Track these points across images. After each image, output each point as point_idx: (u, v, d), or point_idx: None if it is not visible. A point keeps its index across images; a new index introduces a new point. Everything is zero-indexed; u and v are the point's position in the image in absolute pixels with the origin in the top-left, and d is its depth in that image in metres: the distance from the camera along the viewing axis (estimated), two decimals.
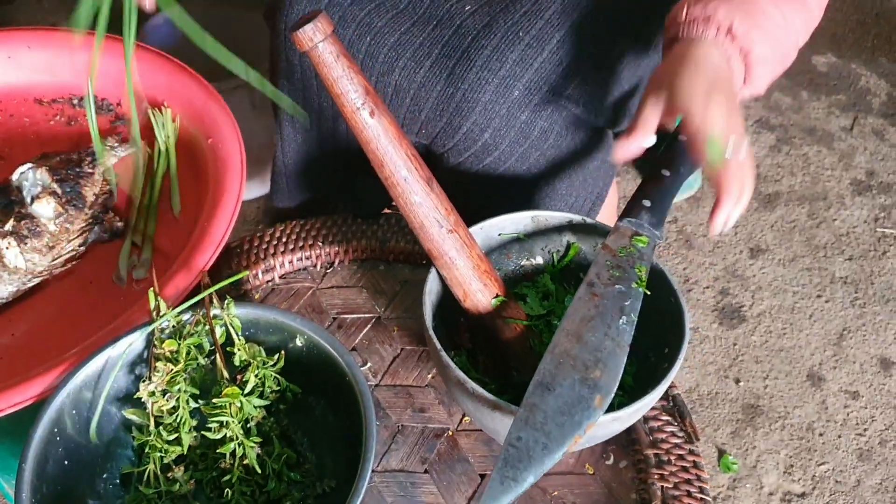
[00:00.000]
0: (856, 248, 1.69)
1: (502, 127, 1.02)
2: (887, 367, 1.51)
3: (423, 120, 1.05)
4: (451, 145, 1.05)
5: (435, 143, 1.07)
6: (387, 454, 0.93)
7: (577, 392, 0.74)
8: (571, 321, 0.78)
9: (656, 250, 0.87)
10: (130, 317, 0.93)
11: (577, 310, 0.79)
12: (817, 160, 1.86)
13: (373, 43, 1.05)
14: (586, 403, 0.73)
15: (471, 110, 1.01)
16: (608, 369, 0.75)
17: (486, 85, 1.01)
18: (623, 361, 0.77)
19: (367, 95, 0.75)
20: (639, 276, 0.81)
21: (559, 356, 0.76)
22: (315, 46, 0.72)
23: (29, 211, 1.03)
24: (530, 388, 0.74)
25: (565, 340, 0.77)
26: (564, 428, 0.72)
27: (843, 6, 2.25)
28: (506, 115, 1.02)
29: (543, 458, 0.70)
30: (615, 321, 0.79)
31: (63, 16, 2.19)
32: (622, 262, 0.82)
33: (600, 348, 0.77)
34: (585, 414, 0.73)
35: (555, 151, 1.06)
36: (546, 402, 0.73)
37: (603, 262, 0.82)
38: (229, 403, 0.83)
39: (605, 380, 0.75)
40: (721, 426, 1.42)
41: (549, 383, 0.74)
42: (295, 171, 1.25)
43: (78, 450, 0.84)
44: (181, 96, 1.18)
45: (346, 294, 1.08)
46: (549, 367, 0.75)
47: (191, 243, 1.00)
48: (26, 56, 1.25)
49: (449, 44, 1.04)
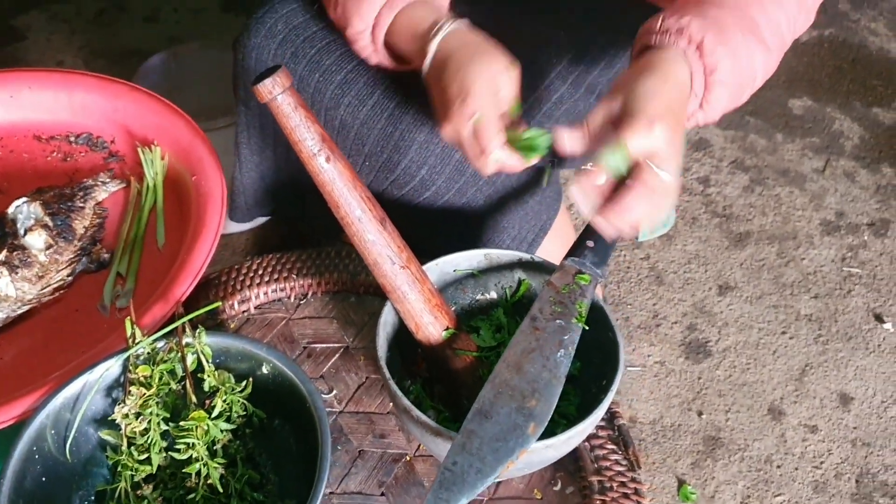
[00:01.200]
0: (822, 287, 1.75)
1: (438, 164, 1.09)
2: (846, 402, 1.57)
3: (366, 153, 1.13)
4: (392, 178, 1.13)
5: (377, 177, 1.15)
6: (346, 477, 0.99)
7: (512, 420, 0.80)
8: (513, 353, 0.84)
9: (602, 287, 0.93)
10: (109, 344, 1.00)
11: (519, 342, 0.85)
12: (789, 201, 1.92)
13: (321, 80, 1.13)
14: (521, 431, 0.79)
15: (408, 148, 1.09)
16: (544, 399, 0.81)
17: (422, 126, 1.08)
18: (558, 392, 0.82)
19: (324, 142, 0.82)
20: (579, 312, 0.87)
21: (498, 385, 0.82)
22: (274, 98, 0.79)
23: (21, 242, 1.10)
24: (469, 415, 0.80)
25: (505, 371, 0.83)
26: (499, 454, 0.78)
27: (821, 51, 2.33)
28: (440, 153, 1.09)
29: (476, 483, 0.76)
30: (553, 353, 0.85)
31: (70, 53, 2.29)
32: (564, 298, 0.88)
33: (538, 379, 0.83)
34: (519, 441, 0.79)
35: (490, 187, 1.12)
36: (483, 428, 0.79)
37: (546, 298, 0.88)
38: (196, 426, 0.89)
39: (540, 409, 0.81)
40: (682, 457, 1.47)
41: (487, 411, 0.80)
42: (252, 190, 1.33)
43: (56, 467, 0.90)
44: (170, 135, 1.25)
45: (318, 324, 1.14)
46: (488, 395, 0.81)
47: (170, 275, 1.07)
48: (27, 96, 1.32)
49: (391, 86, 1.12)
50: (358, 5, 1.01)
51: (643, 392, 1.55)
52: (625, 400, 1.54)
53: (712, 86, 0.90)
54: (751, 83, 0.96)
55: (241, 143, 1.33)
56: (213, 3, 2.45)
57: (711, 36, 0.88)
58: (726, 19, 0.91)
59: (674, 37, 0.88)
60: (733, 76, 0.90)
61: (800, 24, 1.02)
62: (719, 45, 0.88)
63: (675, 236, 1.82)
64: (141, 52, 2.11)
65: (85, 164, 1.28)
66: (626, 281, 1.74)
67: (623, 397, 1.55)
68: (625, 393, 1.55)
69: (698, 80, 0.89)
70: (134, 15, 2.41)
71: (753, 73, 0.95)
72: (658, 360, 1.61)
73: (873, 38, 2.37)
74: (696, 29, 0.88)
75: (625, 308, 1.68)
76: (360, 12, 1.01)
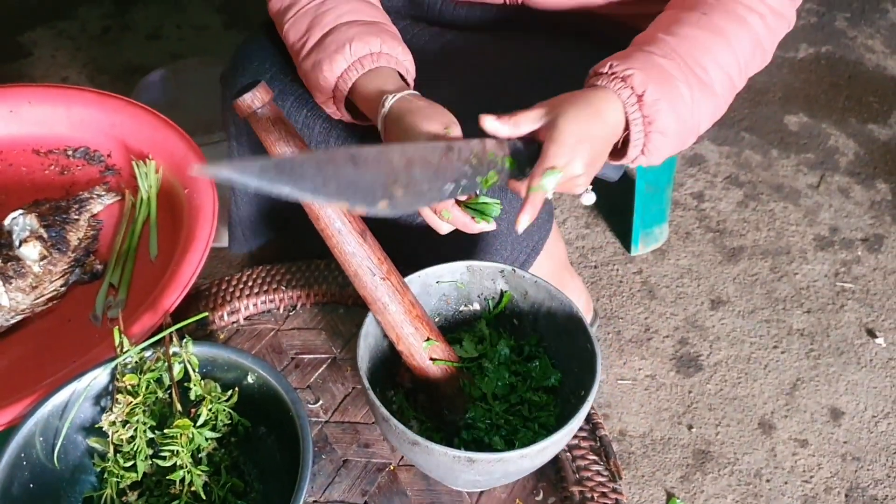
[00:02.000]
0: (814, 302, 1.75)
1: None
2: (837, 416, 1.57)
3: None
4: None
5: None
6: (330, 486, 1.01)
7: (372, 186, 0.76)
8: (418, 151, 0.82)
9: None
10: (99, 353, 1.02)
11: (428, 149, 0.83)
12: (783, 216, 1.93)
13: (309, 115, 1.16)
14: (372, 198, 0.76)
15: None
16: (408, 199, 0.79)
17: None
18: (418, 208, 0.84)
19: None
20: (485, 178, 0.88)
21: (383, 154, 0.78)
22: (254, 112, 0.81)
23: (16, 253, 1.12)
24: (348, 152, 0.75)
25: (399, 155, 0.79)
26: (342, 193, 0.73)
27: (818, 68, 2.34)
28: None
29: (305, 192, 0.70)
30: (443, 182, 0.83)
31: (74, 70, 2.32)
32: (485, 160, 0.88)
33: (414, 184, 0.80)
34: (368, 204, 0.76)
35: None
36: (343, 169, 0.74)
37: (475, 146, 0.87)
38: (180, 434, 0.91)
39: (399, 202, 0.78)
40: (671, 470, 1.48)
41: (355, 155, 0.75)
42: (248, 222, 1.35)
43: (43, 474, 0.91)
44: (164, 149, 1.27)
45: (306, 335, 1.16)
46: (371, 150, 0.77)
47: (160, 286, 1.09)
48: (27, 110, 1.35)
49: None
50: (316, 80, 1.07)
51: (633, 405, 1.56)
52: (615, 413, 1.55)
53: (651, 135, 0.97)
54: (694, 130, 1.02)
55: None
56: (215, 20, 2.49)
57: (653, 89, 0.95)
58: (671, 70, 0.98)
59: (619, 83, 0.95)
60: (673, 126, 0.97)
61: (754, 65, 1.08)
62: (660, 98, 0.95)
63: (667, 251, 1.84)
64: (144, 69, 2.14)
65: (82, 178, 1.31)
66: (618, 295, 1.75)
67: (613, 410, 1.56)
68: (615, 406, 1.56)
69: (638, 128, 0.96)
70: (137, 32, 2.45)
71: (697, 122, 1.01)
72: (649, 373, 1.61)
73: (870, 56, 2.39)
74: (639, 82, 0.94)
75: (616, 322, 1.69)
76: (319, 85, 1.07)
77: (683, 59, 0.99)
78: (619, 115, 0.95)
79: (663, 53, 0.99)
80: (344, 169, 0.74)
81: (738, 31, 1.03)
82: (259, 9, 1.18)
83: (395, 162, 0.80)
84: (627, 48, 1.02)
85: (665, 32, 1.02)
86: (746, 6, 1.04)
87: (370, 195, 0.77)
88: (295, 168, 0.70)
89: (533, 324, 1.01)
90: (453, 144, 0.86)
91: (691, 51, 1.00)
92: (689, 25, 1.02)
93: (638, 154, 0.99)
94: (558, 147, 0.88)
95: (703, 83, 1.00)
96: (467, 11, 1.25)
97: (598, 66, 0.98)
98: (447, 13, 1.26)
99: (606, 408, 1.55)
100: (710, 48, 1.01)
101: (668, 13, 1.07)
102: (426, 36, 1.25)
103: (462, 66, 1.19)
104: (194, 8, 2.53)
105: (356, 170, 0.75)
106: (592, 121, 0.91)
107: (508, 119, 0.91)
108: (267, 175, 0.67)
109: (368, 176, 0.77)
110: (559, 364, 1.00)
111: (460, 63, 1.20)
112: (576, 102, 0.92)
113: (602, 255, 1.82)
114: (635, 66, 0.96)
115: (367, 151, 0.77)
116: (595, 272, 1.79)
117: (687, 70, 0.99)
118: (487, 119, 0.91)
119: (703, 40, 1.01)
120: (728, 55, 1.02)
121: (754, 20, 1.04)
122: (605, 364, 1.62)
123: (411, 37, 1.24)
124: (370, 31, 1.06)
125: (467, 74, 1.18)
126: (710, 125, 1.04)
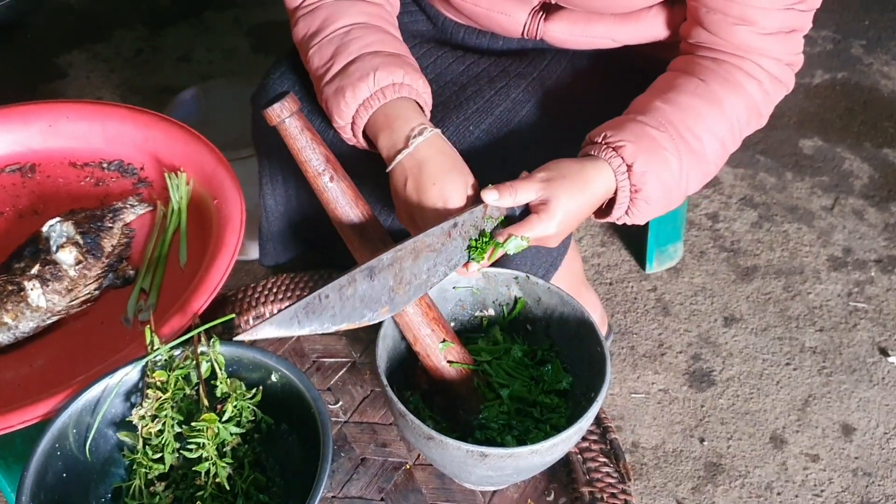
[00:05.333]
0: (827, 321, 1.78)
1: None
2: (848, 432, 1.59)
3: (385, 198, 1.19)
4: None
5: (395, 222, 1.19)
6: (349, 483, 1.05)
7: (379, 293, 0.87)
8: (423, 241, 0.91)
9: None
10: (130, 353, 1.06)
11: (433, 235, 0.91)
12: (797, 237, 1.96)
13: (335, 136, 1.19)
14: (377, 306, 0.88)
15: None
16: (408, 293, 0.90)
17: None
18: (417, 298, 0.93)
19: (328, 163, 0.89)
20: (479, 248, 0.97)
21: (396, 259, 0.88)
22: (283, 121, 0.86)
23: (53, 258, 1.18)
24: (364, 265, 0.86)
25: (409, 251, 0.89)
26: (352, 314, 0.86)
27: (833, 94, 2.38)
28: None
29: (324, 324, 0.85)
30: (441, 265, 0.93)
31: (108, 90, 2.40)
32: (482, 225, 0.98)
33: (418, 274, 0.90)
34: (369, 315, 0.88)
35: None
36: (363, 285, 0.86)
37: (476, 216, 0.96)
38: (206, 427, 0.95)
39: (400, 298, 0.89)
40: (683, 482, 1.50)
41: (375, 273, 0.87)
42: (279, 237, 1.41)
43: (76, 465, 0.96)
44: (195, 162, 1.33)
45: (327, 340, 1.21)
46: (386, 260, 0.88)
47: (189, 289, 1.14)
48: (65, 125, 1.41)
49: None
50: (337, 105, 1.10)
51: (646, 418, 1.59)
52: (627, 425, 1.58)
53: (637, 201, 1.04)
54: (681, 195, 1.09)
55: (265, 195, 1.40)
56: (244, 44, 2.56)
57: (642, 161, 1.02)
58: (662, 142, 1.04)
59: (610, 153, 1.02)
60: (658, 195, 1.04)
61: (749, 129, 1.14)
62: (648, 171, 1.02)
63: (682, 269, 1.87)
64: (174, 89, 2.21)
65: (115, 189, 1.36)
66: (632, 311, 1.78)
67: (626, 423, 1.58)
68: (628, 418, 1.59)
69: (624, 194, 1.04)
70: (169, 55, 2.53)
71: (684, 188, 1.08)
72: (662, 387, 1.64)
73: (885, 82, 2.42)
74: (629, 153, 1.01)
75: (630, 337, 1.72)
76: (339, 111, 1.10)
77: (676, 129, 1.05)
78: (609, 185, 1.03)
79: (656, 124, 1.05)
80: (361, 285, 0.85)
81: (734, 99, 1.08)
82: (286, 34, 1.24)
83: (405, 261, 0.89)
84: (623, 115, 1.08)
85: (661, 100, 1.07)
86: (745, 72, 1.09)
87: (376, 304, 0.88)
88: (321, 302, 0.81)
89: (546, 329, 1.05)
90: (458, 219, 0.94)
91: (685, 120, 1.06)
92: (686, 94, 1.08)
93: (622, 215, 1.06)
94: (542, 225, 0.97)
95: (694, 152, 1.06)
96: (489, 41, 1.30)
97: (593, 135, 1.05)
98: (469, 41, 1.31)
99: (619, 420, 1.58)
100: (706, 117, 1.07)
101: (667, 76, 1.13)
102: (449, 59, 1.29)
103: (482, 87, 1.24)
104: (223, 32, 2.61)
105: (370, 282, 0.86)
106: (582, 199, 0.99)
107: (508, 193, 0.97)
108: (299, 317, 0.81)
109: (378, 285, 0.87)
110: (571, 368, 1.03)
111: (481, 84, 1.25)
112: (571, 181, 0.99)
113: (617, 273, 1.86)
114: (627, 139, 1.02)
115: (384, 259, 0.86)
116: (610, 289, 1.82)
117: (679, 140, 1.05)
118: (489, 194, 0.96)
119: (698, 109, 1.07)
120: (722, 123, 1.08)
121: (752, 87, 1.09)
122: (618, 378, 1.65)
123: (435, 59, 1.29)
124: (394, 62, 1.09)
125: (487, 97, 1.22)
126: (698, 188, 1.11)
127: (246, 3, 2.71)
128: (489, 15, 1.21)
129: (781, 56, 1.10)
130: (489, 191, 0.96)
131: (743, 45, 1.08)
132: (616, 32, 1.19)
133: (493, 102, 1.19)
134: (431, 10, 1.31)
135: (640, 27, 1.18)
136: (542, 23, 1.20)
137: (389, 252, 0.87)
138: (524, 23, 1.21)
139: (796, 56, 1.12)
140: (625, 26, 1.18)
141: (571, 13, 1.19)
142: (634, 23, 1.18)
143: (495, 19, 1.21)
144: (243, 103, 1.40)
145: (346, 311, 0.84)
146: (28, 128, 1.40)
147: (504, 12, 1.20)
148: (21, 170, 1.38)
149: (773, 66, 1.09)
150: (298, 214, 1.39)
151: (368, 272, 0.84)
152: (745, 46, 1.08)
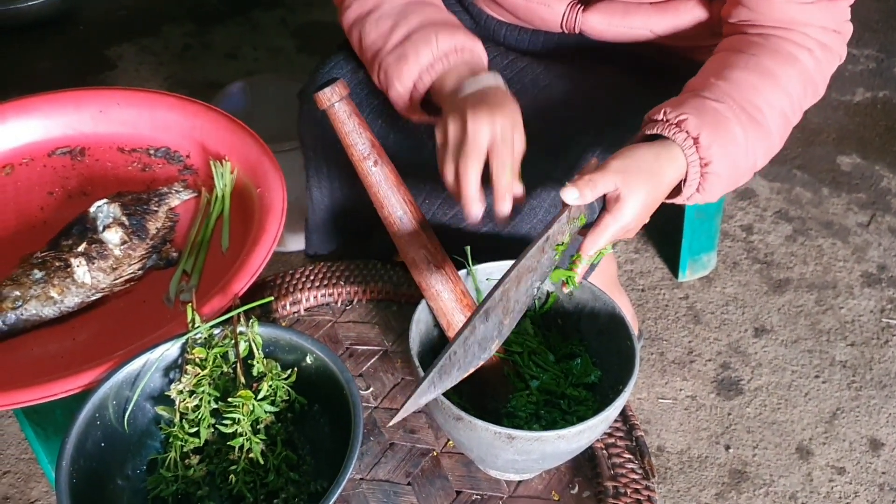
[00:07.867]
0: (859, 336, 1.77)
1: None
2: (876, 447, 1.58)
3: (426, 190, 1.21)
4: (451, 214, 1.20)
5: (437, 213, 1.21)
6: (376, 465, 1.07)
7: (492, 329, 0.87)
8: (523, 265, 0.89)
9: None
10: (170, 330, 1.10)
11: (531, 256, 0.90)
12: (831, 252, 1.96)
13: (384, 125, 1.23)
14: (491, 342, 0.88)
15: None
16: (512, 320, 0.90)
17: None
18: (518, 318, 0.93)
19: (373, 148, 0.92)
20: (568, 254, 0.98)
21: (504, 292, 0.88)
22: (332, 105, 0.89)
23: (99, 237, 1.22)
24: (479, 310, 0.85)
25: (514, 279, 0.88)
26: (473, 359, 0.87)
27: (874, 112, 2.37)
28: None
29: (456, 377, 0.86)
30: (536, 281, 0.93)
31: (156, 83, 2.46)
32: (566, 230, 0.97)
33: (519, 299, 0.91)
34: (485, 352, 0.88)
35: (542, 225, 1.20)
36: (479, 328, 0.86)
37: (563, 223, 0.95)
38: (242, 404, 0.98)
39: (507, 327, 0.90)
40: (707, 487, 1.50)
41: (489, 313, 0.86)
42: (324, 228, 1.44)
43: (114, 436, 0.99)
44: (240, 151, 1.36)
45: (361, 329, 1.23)
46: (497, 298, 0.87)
47: (230, 272, 1.17)
48: (115, 111, 1.45)
49: None
50: (399, 71, 1.11)
51: (673, 423, 1.60)
52: (654, 429, 1.59)
53: (707, 175, 1.01)
54: (749, 169, 1.07)
55: (312, 187, 1.44)
56: (290, 43, 2.61)
57: (707, 133, 0.99)
58: (724, 113, 1.02)
59: (674, 129, 1.00)
60: (728, 167, 1.02)
61: (807, 100, 1.11)
62: (714, 142, 1.00)
63: (714, 279, 1.87)
64: (220, 84, 2.26)
65: (161, 175, 1.40)
66: (663, 318, 1.79)
67: (653, 427, 1.59)
68: (654, 423, 1.60)
69: (695, 170, 1.01)
70: (216, 51, 2.59)
71: (752, 161, 1.06)
72: (690, 394, 1.65)
73: None
74: (693, 126, 0.99)
75: (660, 343, 1.73)
76: (401, 76, 1.12)
77: (736, 102, 1.03)
78: (680, 169, 1.00)
79: (715, 97, 1.03)
80: (479, 329, 0.85)
81: (787, 70, 1.07)
82: (332, 33, 1.27)
83: (510, 292, 0.88)
84: (680, 95, 1.07)
85: (716, 77, 1.06)
86: (795, 43, 1.08)
87: (489, 342, 0.88)
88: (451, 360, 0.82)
89: (576, 323, 1.07)
90: (549, 233, 0.92)
91: (743, 93, 1.04)
92: (739, 69, 1.07)
93: (693, 192, 1.04)
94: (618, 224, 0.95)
95: (757, 123, 1.04)
96: (530, 37, 1.32)
97: (653, 113, 1.03)
98: (511, 38, 1.34)
99: (646, 424, 1.58)
100: (762, 90, 1.05)
101: (718, 56, 1.12)
102: (491, 55, 1.32)
103: (525, 85, 1.26)
104: (270, 30, 2.66)
105: (486, 324, 0.86)
106: (655, 188, 0.97)
107: (588, 188, 0.94)
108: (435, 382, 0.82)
109: (491, 324, 0.87)
110: (599, 363, 1.05)
111: (525, 82, 1.27)
112: (647, 171, 0.97)
113: (650, 280, 1.87)
114: (689, 112, 1.00)
115: (495, 296, 0.86)
116: (642, 295, 1.83)
117: (740, 111, 1.03)
118: (569, 193, 0.93)
119: (753, 82, 1.05)
120: (779, 95, 1.06)
121: (804, 56, 1.08)
122: (646, 383, 1.66)
123: None
124: (455, 29, 1.12)
125: (530, 94, 1.25)
126: (766, 162, 1.08)
127: (293, 3, 2.76)
128: (529, 6, 1.23)
129: (827, 24, 1.08)
130: (569, 189, 0.93)
131: (785, 17, 1.07)
132: (654, 24, 1.20)
133: (537, 99, 1.22)
134: (474, 8, 1.34)
135: (679, 18, 1.19)
136: (580, 14, 1.22)
137: (498, 289, 0.86)
138: (563, 13, 1.23)
139: (844, 23, 1.10)
140: (663, 17, 1.19)
141: (609, 4, 1.21)
142: (673, 14, 1.19)
143: (535, 11, 1.24)
144: (288, 98, 1.43)
145: (468, 358, 0.84)
146: (80, 113, 1.44)
147: (544, 3, 1.22)
148: (71, 153, 1.42)
149: (820, 35, 1.08)
150: (341, 207, 1.42)
151: (485, 315, 0.84)
152: (788, 19, 1.07)
